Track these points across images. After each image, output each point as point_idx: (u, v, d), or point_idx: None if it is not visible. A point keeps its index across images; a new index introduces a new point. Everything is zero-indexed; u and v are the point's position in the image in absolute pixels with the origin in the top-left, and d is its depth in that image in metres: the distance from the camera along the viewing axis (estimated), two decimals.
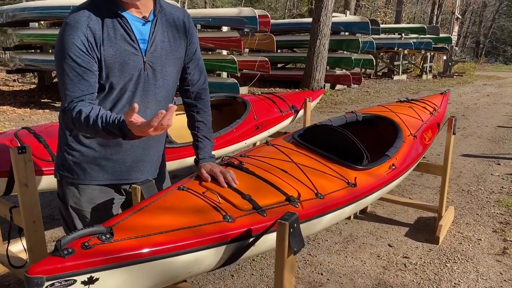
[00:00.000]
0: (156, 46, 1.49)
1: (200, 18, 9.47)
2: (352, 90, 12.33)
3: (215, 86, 8.67)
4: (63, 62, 1.36)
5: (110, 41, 1.40)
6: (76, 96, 1.37)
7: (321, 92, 4.65)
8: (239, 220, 1.41)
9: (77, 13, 1.39)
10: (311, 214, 1.66)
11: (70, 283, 1.05)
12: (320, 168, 1.91)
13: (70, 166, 1.57)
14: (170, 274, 1.25)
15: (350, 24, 12.44)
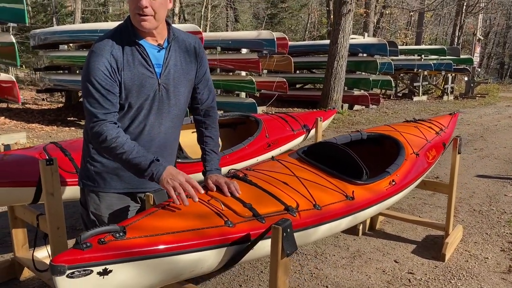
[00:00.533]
0: (169, 70, 1.69)
1: (221, 40, 9.81)
2: (370, 111, 12.38)
3: (233, 105, 8.91)
4: (89, 85, 1.56)
5: (129, 66, 1.61)
6: (100, 114, 1.57)
7: (333, 112, 4.79)
8: (239, 225, 1.56)
9: (101, 42, 1.61)
10: (308, 223, 1.79)
11: (87, 272, 1.21)
12: (320, 181, 2.05)
13: (92, 176, 1.76)
14: (175, 271, 1.40)
15: (368, 46, 12.59)
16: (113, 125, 1.59)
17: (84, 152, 1.82)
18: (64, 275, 1.17)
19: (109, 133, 1.56)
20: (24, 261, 2.68)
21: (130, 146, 1.56)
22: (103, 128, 1.57)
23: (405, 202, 4.35)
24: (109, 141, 1.56)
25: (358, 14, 17.90)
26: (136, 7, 1.55)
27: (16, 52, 5.81)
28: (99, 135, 1.57)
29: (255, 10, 31.05)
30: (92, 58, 1.57)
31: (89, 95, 1.57)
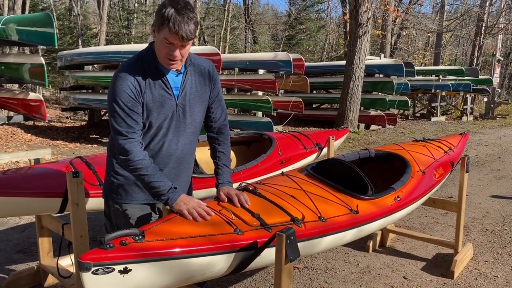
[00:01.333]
0: (185, 92, 1.87)
1: (238, 61, 10.10)
2: (386, 131, 12.41)
3: (250, 124, 9.10)
4: (115, 105, 1.73)
5: (150, 89, 1.79)
6: (127, 132, 1.74)
7: (346, 132, 4.90)
8: (248, 233, 1.69)
9: (125, 67, 1.78)
10: (313, 234, 1.91)
11: (110, 270, 1.36)
12: (326, 195, 2.17)
13: (115, 189, 1.92)
14: (188, 273, 1.53)
15: (384, 66, 12.70)
16: (139, 146, 1.76)
17: (108, 167, 1.98)
18: (90, 272, 1.32)
19: (136, 154, 1.72)
20: (49, 268, 2.85)
21: (153, 170, 1.73)
22: (131, 147, 1.73)
23: (417, 220, 4.39)
24: (136, 162, 1.72)
25: (375, 36, 18.07)
26: (167, 53, 1.72)
27: (45, 73, 6.15)
28: (126, 153, 1.73)
29: (273, 31, 31.64)
30: (118, 82, 1.74)
31: (115, 114, 1.73)
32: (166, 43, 1.70)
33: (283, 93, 11.80)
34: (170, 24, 1.64)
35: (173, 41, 1.68)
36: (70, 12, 24.58)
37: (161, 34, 1.69)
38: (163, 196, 1.73)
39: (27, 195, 2.55)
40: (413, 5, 21.60)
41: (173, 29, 1.64)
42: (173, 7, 1.67)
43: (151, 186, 1.73)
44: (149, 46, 1.84)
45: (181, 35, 1.65)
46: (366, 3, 10.49)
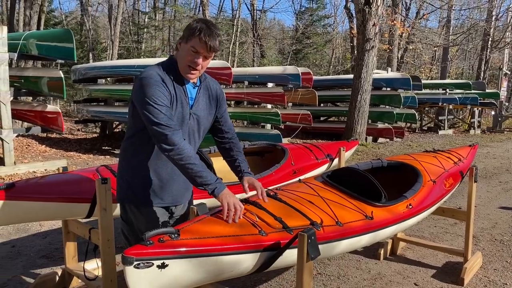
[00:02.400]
0: (198, 103, 2.05)
1: (248, 75, 10.31)
2: (394, 144, 12.49)
3: (259, 136, 9.25)
4: (151, 102, 1.83)
5: (175, 96, 1.94)
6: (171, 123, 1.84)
7: (356, 143, 5.02)
8: (271, 235, 1.82)
9: (152, 74, 1.90)
10: (331, 237, 2.03)
11: (149, 265, 1.49)
12: (342, 202, 2.29)
13: (133, 192, 2.01)
14: (218, 269, 1.66)
15: (391, 80, 12.86)
16: (181, 135, 1.87)
17: (123, 171, 2.07)
18: (132, 266, 1.46)
19: (184, 144, 1.83)
20: (74, 271, 2.98)
21: (199, 161, 1.86)
22: (178, 138, 1.83)
23: (427, 230, 4.48)
24: (184, 152, 1.81)
25: (382, 50, 18.29)
26: (191, 61, 1.90)
27: (64, 86, 6.37)
28: (174, 144, 1.81)
29: (280, 46, 32.03)
30: (149, 87, 1.85)
31: (153, 109, 1.83)
32: (192, 51, 1.89)
33: (291, 106, 11.97)
34: (202, 35, 1.87)
35: (200, 49, 1.88)
36: (81, 27, 25.15)
37: (189, 44, 1.89)
38: (210, 185, 1.84)
39: (55, 200, 2.70)
40: (419, 20, 21.83)
41: (203, 38, 1.87)
42: (204, 23, 1.92)
43: (199, 176, 1.83)
44: (170, 57, 2.02)
45: (209, 44, 1.87)
46: (374, 18, 10.69)
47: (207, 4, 16.01)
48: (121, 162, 2.10)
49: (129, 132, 2.05)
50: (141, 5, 26.41)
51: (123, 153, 2.09)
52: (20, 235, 4.14)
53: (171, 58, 2.01)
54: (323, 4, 30.03)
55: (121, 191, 2.08)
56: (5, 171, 6.55)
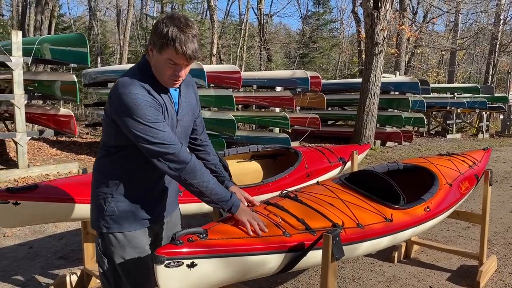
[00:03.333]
0: (182, 107, 1.81)
1: (257, 79, 10.36)
2: (402, 148, 12.47)
3: (267, 140, 9.29)
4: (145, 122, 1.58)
5: (165, 105, 1.70)
6: (174, 140, 1.62)
7: (368, 147, 5.04)
8: (295, 236, 1.85)
9: (134, 83, 1.61)
10: (353, 239, 2.06)
11: (179, 264, 1.52)
12: (361, 204, 2.32)
13: (117, 217, 1.72)
14: (244, 269, 1.69)
15: (400, 84, 12.86)
16: (190, 153, 1.68)
17: (101, 194, 1.75)
18: (163, 265, 1.49)
19: (194, 161, 1.65)
20: (93, 272, 3.02)
21: (211, 176, 1.71)
22: (186, 155, 1.63)
23: (440, 234, 4.48)
24: (196, 170, 1.64)
25: (389, 54, 18.29)
26: (171, 74, 1.63)
27: (77, 90, 6.46)
28: (184, 163, 1.63)
29: (287, 50, 32.11)
30: (137, 106, 1.57)
31: (151, 132, 1.59)
32: (171, 64, 1.61)
33: (299, 109, 12.00)
34: (177, 45, 1.56)
35: (179, 61, 1.61)
36: (89, 31, 25.41)
37: (163, 55, 1.59)
38: (228, 203, 1.72)
39: (76, 201, 2.74)
40: (426, 24, 21.82)
41: (181, 50, 1.57)
42: (175, 25, 1.57)
43: (214, 193, 1.69)
44: (144, 60, 1.71)
45: (188, 55, 1.58)
46: (382, 22, 10.72)
47: (215, 8, 16.12)
48: (97, 184, 1.78)
49: (109, 149, 1.74)
50: (149, 9, 26.66)
51: (98, 173, 1.78)
52: (37, 237, 4.19)
53: (145, 61, 1.71)
54: (330, 8, 30.18)
55: (98, 218, 1.76)
56: (19, 173, 6.63)
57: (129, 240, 1.75)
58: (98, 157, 1.81)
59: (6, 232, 4.22)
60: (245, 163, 4.28)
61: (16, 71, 6.30)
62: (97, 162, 1.81)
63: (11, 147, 8.59)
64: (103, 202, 1.74)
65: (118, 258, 1.76)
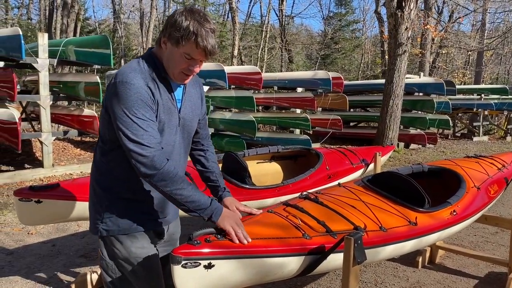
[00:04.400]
0: (186, 105, 1.72)
1: (277, 80, 10.31)
2: (427, 150, 12.19)
3: (288, 141, 9.23)
4: (130, 115, 1.49)
5: (162, 100, 1.60)
6: (153, 144, 1.51)
7: (391, 148, 4.93)
8: (315, 238, 1.80)
9: (133, 74, 1.53)
10: (375, 242, 1.99)
11: (196, 264, 1.50)
12: (384, 207, 2.24)
13: (119, 218, 1.64)
14: (263, 271, 1.65)
15: (424, 85, 12.58)
16: (165, 157, 1.54)
17: (99, 194, 1.67)
18: (180, 265, 1.46)
19: (169, 167, 1.53)
20: None
21: (188, 182, 1.57)
22: (161, 160, 1.52)
23: (466, 239, 4.33)
24: (171, 176, 1.52)
25: (413, 54, 17.94)
26: (186, 68, 1.57)
27: (100, 91, 6.56)
28: (157, 168, 1.50)
29: (308, 51, 31.95)
30: (128, 88, 1.50)
31: (132, 124, 1.50)
32: (187, 58, 1.55)
33: (321, 111, 11.89)
34: (199, 39, 1.51)
35: (198, 56, 1.55)
36: (114, 34, 25.89)
37: (181, 49, 1.53)
38: (206, 211, 1.58)
39: None
40: (452, 24, 21.31)
41: (201, 45, 1.51)
42: (196, 19, 1.52)
43: (190, 201, 1.55)
44: (150, 52, 1.65)
45: (209, 50, 1.53)
46: (406, 22, 10.51)
47: (236, 10, 16.17)
48: (96, 185, 1.69)
49: (107, 146, 1.65)
50: (171, 12, 26.97)
51: (98, 173, 1.70)
52: (60, 235, 4.26)
53: (151, 53, 1.64)
54: (352, 9, 29.88)
55: (97, 220, 1.68)
56: (44, 173, 6.77)
57: (132, 241, 1.66)
58: (95, 157, 1.72)
59: (30, 230, 4.31)
60: (265, 164, 4.25)
61: (42, 72, 6.44)
62: (94, 163, 1.73)
63: (37, 147, 8.80)
64: (100, 204, 1.66)
65: (125, 261, 1.68)
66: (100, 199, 1.67)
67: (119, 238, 1.66)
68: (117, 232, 1.65)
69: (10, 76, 5.64)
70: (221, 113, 9.08)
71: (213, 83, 8.22)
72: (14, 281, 3.16)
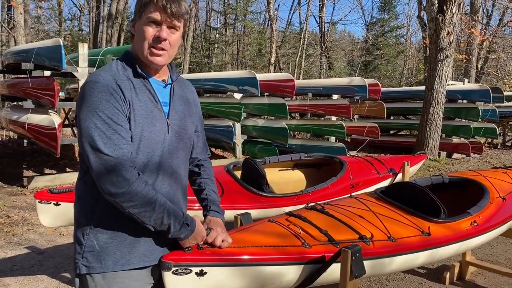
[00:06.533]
0: (176, 109, 1.49)
1: (312, 87, 10.24)
2: (471, 160, 11.61)
3: (323, 149, 9.10)
4: (94, 119, 1.29)
5: (139, 101, 1.38)
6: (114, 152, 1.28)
7: (422, 158, 4.74)
8: (315, 247, 1.76)
9: (103, 73, 1.37)
10: (382, 253, 1.91)
11: (188, 271, 1.50)
12: (395, 217, 2.16)
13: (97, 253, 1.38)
14: (258, 280, 1.63)
15: (468, 92, 12.02)
16: (135, 172, 1.32)
17: (80, 223, 1.42)
18: (170, 271, 1.46)
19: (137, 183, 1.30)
20: None
21: (161, 202, 1.35)
22: (128, 174, 1.29)
23: (502, 255, 4.07)
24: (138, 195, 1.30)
25: (459, 60, 17.21)
26: (154, 38, 1.37)
27: None
28: (121, 184, 1.28)
29: (349, 57, 31.50)
30: (96, 90, 1.31)
31: (95, 134, 1.28)
32: (152, 24, 1.37)
33: (357, 118, 11.65)
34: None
35: (159, 17, 1.36)
36: None
37: (143, 17, 1.38)
38: (171, 235, 1.41)
39: None
40: (502, 27, 20.28)
41: (160, 1, 1.35)
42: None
43: (159, 224, 1.36)
44: (127, 53, 1.47)
45: (169, 8, 1.35)
46: (448, 26, 10.12)
47: (274, 18, 16.26)
48: (77, 212, 1.46)
49: (82, 164, 1.42)
50: (212, 21, 27.56)
51: (79, 199, 1.46)
52: None
53: (127, 53, 1.47)
54: (396, 14, 29.18)
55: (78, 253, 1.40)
56: None
57: (114, 283, 1.38)
58: (77, 179, 1.49)
59: (62, 231, 4.51)
60: (288, 171, 4.21)
61: (81, 80, 6.75)
62: (76, 186, 1.50)
63: None
64: (81, 235, 1.40)
65: None
66: (80, 228, 1.41)
67: (95, 278, 1.37)
68: (99, 268, 1.37)
69: (51, 84, 5.96)
70: (253, 120, 9.12)
71: (245, 91, 8.28)
72: (41, 279, 3.31)
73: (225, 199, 3.17)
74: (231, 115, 8.18)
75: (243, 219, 1.98)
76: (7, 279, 3.34)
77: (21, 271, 3.47)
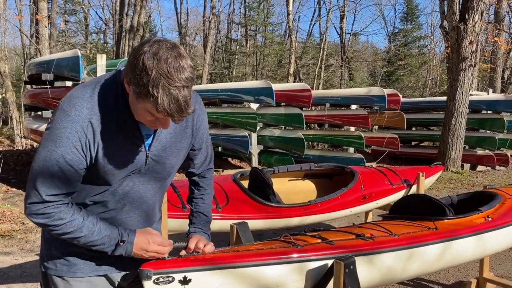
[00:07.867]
0: (160, 140, 1.39)
1: (330, 97, 10.13)
2: (496, 173, 11.20)
3: (340, 160, 8.94)
4: (51, 155, 1.24)
5: (111, 139, 1.30)
6: (49, 196, 1.26)
7: (439, 169, 4.56)
8: (307, 247, 1.67)
9: (78, 101, 1.26)
10: (384, 247, 1.80)
11: (170, 280, 1.43)
12: (399, 223, 2.06)
13: (55, 257, 1.42)
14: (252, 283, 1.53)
15: (493, 102, 11.65)
16: (64, 207, 1.30)
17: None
18: (151, 280, 1.39)
19: (62, 216, 1.28)
20: None
21: (89, 228, 1.32)
22: (52, 212, 1.27)
23: None
24: (62, 226, 1.29)
25: (483, 70, 16.76)
26: (153, 122, 1.26)
27: None
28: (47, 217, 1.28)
29: (371, 68, 31.19)
30: (64, 123, 1.24)
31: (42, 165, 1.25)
32: (151, 115, 1.22)
33: (377, 129, 11.44)
34: (159, 102, 1.15)
35: (161, 116, 1.21)
36: None
37: (140, 103, 1.20)
38: (114, 253, 1.37)
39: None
40: None
41: (161, 108, 1.16)
42: (160, 71, 1.13)
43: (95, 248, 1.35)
44: (117, 75, 1.32)
45: (172, 113, 1.18)
46: (470, 35, 9.87)
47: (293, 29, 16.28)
48: None
49: None
50: (233, 33, 27.85)
51: None
52: None
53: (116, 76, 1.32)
54: (418, 24, 28.78)
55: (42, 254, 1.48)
56: None
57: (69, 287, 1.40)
58: None
59: None
60: (298, 181, 4.12)
61: None
62: None
63: None
64: (43, 239, 1.48)
65: None
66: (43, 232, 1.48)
67: (55, 278, 1.42)
68: (54, 272, 1.41)
69: None
70: (269, 130, 9.07)
71: (260, 101, 8.25)
72: None
73: (230, 209, 3.11)
74: (247, 125, 8.15)
75: (239, 228, 1.91)
76: (15, 285, 3.36)
77: (29, 278, 3.48)
